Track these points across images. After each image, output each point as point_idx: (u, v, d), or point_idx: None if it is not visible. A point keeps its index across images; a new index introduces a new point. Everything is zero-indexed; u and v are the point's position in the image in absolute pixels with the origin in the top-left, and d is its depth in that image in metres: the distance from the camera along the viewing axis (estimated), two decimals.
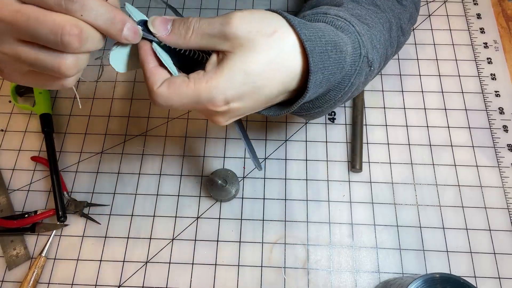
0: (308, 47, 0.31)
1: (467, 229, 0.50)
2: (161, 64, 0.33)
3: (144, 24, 0.32)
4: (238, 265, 0.49)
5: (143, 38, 0.32)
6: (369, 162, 0.54)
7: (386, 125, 0.56)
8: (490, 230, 0.50)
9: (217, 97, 0.31)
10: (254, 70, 0.31)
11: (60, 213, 0.50)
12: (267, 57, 0.31)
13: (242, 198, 0.52)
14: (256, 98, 0.32)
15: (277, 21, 0.32)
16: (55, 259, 0.50)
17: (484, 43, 0.62)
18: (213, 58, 0.32)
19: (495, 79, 0.59)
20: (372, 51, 0.39)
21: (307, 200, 0.52)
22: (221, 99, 0.31)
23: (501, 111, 0.57)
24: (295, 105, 0.34)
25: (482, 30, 0.63)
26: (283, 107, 0.36)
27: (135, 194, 0.53)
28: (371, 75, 0.41)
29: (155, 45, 0.33)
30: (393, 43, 0.45)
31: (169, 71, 0.33)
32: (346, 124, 0.56)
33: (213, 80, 0.30)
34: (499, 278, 0.48)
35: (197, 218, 0.52)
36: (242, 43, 0.31)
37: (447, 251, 0.49)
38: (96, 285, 0.48)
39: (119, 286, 0.48)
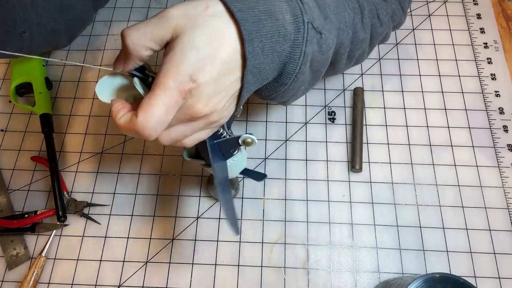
0: (238, 17, 0.33)
1: (467, 229, 0.50)
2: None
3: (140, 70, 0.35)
4: (238, 265, 0.49)
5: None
6: (369, 162, 0.54)
7: (386, 125, 0.56)
8: (490, 230, 0.50)
9: (182, 79, 0.31)
10: (201, 41, 0.32)
11: (60, 213, 0.50)
12: (208, 28, 0.32)
13: (242, 198, 0.52)
14: (215, 65, 0.32)
15: None
16: (55, 259, 0.50)
17: (484, 43, 0.62)
18: (164, 56, 0.33)
19: (495, 79, 0.59)
20: (323, 20, 0.39)
21: (307, 200, 0.52)
22: (186, 77, 0.31)
23: (501, 111, 0.57)
24: (245, 78, 0.35)
25: (482, 30, 0.63)
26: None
27: (135, 194, 0.53)
28: (326, 45, 0.40)
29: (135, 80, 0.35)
30: (366, 28, 0.45)
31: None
32: (346, 124, 0.56)
33: (170, 69, 0.31)
34: (499, 278, 0.48)
35: (197, 218, 0.52)
36: (183, 26, 0.32)
37: (447, 251, 0.49)
38: (96, 285, 0.48)
39: (119, 286, 0.48)
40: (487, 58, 0.61)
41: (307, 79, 0.41)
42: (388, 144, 0.55)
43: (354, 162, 0.53)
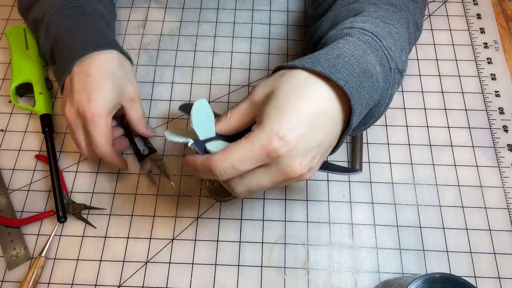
0: (347, 90, 0.33)
1: (467, 229, 0.50)
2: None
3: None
4: (238, 265, 0.49)
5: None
6: (369, 162, 0.54)
7: (386, 125, 0.56)
8: (490, 230, 0.50)
9: (268, 136, 0.32)
10: (281, 100, 0.33)
11: (60, 213, 0.50)
12: (287, 87, 0.33)
13: (242, 198, 0.52)
14: (302, 120, 0.32)
15: (302, 74, 0.34)
16: (55, 259, 0.50)
17: (484, 43, 0.62)
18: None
19: (495, 79, 0.59)
20: (401, 56, 0.40)
21: (307, 200, 0.52)
22: (272, 134, 0.31)
23: (501, 111, 0.57)
24: (342, 141, 0.37)
25: (482, 30, 0.63)
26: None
27: (135, 194, 0.53)
28: (403, 77, 0.42)
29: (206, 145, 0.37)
30: (411, 39, 0.45)
31: None
32: None
33: (258, 127, 0.32)
34: (499, 278, 0.48)
35: (197, 218, 0.52)
36: (267, 96, 0.34)
37: (447, 251, 0.49)
38: (96, 285, 0.48)
39: (119, 286, 0.48)
40: (487, 58, 0.61)
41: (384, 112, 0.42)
42: (388, 144, 0.55)
43: (354, 162, 0.53)
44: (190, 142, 0.36)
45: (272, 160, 0.32)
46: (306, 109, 0.32)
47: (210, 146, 0.36)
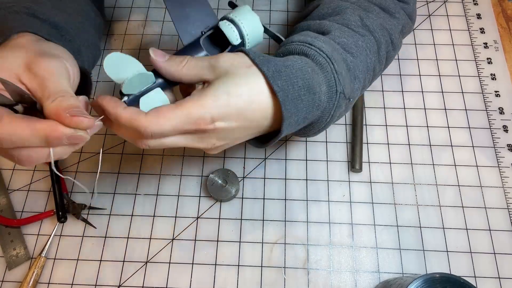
0: (280, 97, 0.35)
1: (467, 229, 0.50)
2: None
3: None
4: (238, 265, 0.49)
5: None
6: (369, 162, 0.54)
7: (386, 125, 0.56)
8: (490, 230, 0.50)
9: (204, 115, 0.33)
10: (236, 92, 0.34)
11: (60, 213, 0.50)
12: (246, 83, 0.34)
13: (242, 198, 0.52)
14: (240, 121, 0.35)
15: (251, 60, 0.36)
16: (55, 259, 0.50)
17: (484, 43, 0.62)
18: (199, 86, 0.36)
19: (495, 79, 0.59)
20: (352, 84, 0.42)
21: (307, 200, 0.52)
22: (208, 116, 0.33)
23: (501, 111, 0.57)
24: (272, 141, 0.38)
25: (482, 30, 0.63)
26: (263, 139, 0.40)
27: (135, 194, 0.53)
28: (351, 104, 0.44)
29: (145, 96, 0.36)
30: (382, 60, 0.47)
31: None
32: (346, 124, 0.56)
33: (199, 100, 0.33)
34: (499, 278, 0.48)
35: (197, 218, 0.52)
36: (225, 71, 0.35)
37: (447, 251, 0.49)
38: (96, 285, 0.48)
39: (119, 286, 0.48)
40: (487, 58, 0.61)
41: (326, 128, 0.44)
42: (388, 144, 0.55)
43: (354, 162, 0.53)
44: (125, 98, 0.35)
45: (194, 132, 0.34)
46: (248, 114, 0.35)
47: (145, 100, 0.35)
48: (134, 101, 0.35)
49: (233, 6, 0.43)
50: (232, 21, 0.40)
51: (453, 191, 0.52)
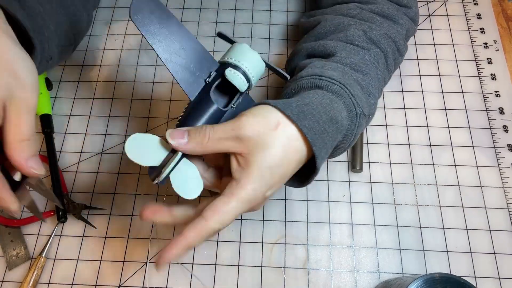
0: (309, 138, 0.35)
1: (467, 229, 0.50)
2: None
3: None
4: (238, 265, 0.49)
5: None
6: (369, 162, 0.54)
7: (386, 125, 0.56)
8: (490, 230, 0.50)
9: (258, 197, 0.35)
10: (275, 163, 0.35)
11: (60, 213, 0.50)
12: (280, 147, 0.35)
13: None
14: (282, 181, 0.36)
15: (277, 114, 0.36)
16: (55, 259, 0.50)
17: (484, 43, 0.62)
18: (234, 163, 0.35)
19: (495, 79, 0.59)
20: (368, 101, 0.43)
21: (307, 200, 0.52)
22: (260, 196, 0.35)
23: (501, 111, 0.57)
24: (311, 180, 0.39)
25: (482, 30, 0.63)
26: (300, 177, 0.40)
27: (135, 194, 0.53)
28: (371, 119, 0.45)
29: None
30: (390, 69, 0.48)
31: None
32: None
33: (248, 184, 0.34)
34: (499, 278, 0.48)
35: None
36: (255, 143, 0.34)
37: (447, 251, 0.49)
38: (96, 285, 0.48)
39: (119, 286, 0.48)
40: (487, 58, 0.61)
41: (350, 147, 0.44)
42: (388, 144, 0.55)
43: (354, 162, 0.53)
44: (161, 179, 0.35)
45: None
46: (290, 172, 0.36)
47: (176, 175, 0.35)
48: (166, 178, 0.35)
49: (225, 38, 0.41)
50: (235, 67, 0.38)
51: (453, 191, 0.52)
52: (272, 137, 0.35)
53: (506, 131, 0.56)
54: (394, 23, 0.48)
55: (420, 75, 0.60)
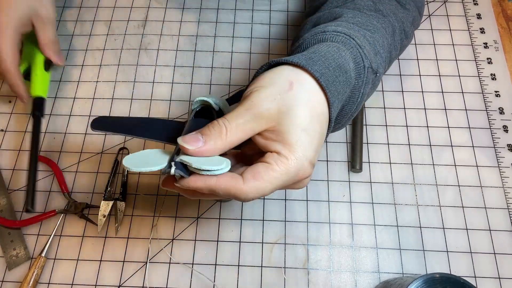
0: (323, 83, 0.33)
1: (467, 229, 0.50)
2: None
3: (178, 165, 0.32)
4: (238, 265, 0.49)
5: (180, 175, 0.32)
6: (369, 162, 0.54)
7: (386, 125, 0.56)
8: (490, 230, 0.50)
9: (304, 165, 0.32)
10: (306, 123, 0.32)
11: (29, 199, 0.49)
12: (304, 105, 0.32)
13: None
14: (322, 142, 0.34)
15: (283, 72, 0.33)
16: (55, 259, 0.50)
17: (484, 43, 0.62)
18: (260, 140, 0.33)
19: (495, 79, 0.59)
20: (376, 58, 0.40)
21: (307, 200, 0.52)
22: (307, 164, 0.32)
23: (501, 111, 0.57)
24: (326, 138, 0.36)
25: (482, 30, 0.63)
26: None
27: (135, 194, 0.53)
28: (378, 80, 0.42)
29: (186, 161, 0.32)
30: (397, 46, 0.46)
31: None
32: None
33: (293, 153, 0.31)
34: (499, 278, 0.48)
35: (197, 218, 0.52)
36: (278, 111, 0.32)
37: (447, 251, 0.49)
38: (96, 285, 0.48)
39: (119, 286, 0.48)
40: (487, 58, 0.61)
41: (356, 112, 0.42)
42: (388, 144, 0.55)
43: (354, 162, 0.53)
44: (173, 169, 0.31)
45: (295, 181, 0.33)
46: (324, 130, 0.34)
47: (193, 162, 0.31)
48: (180, 166, 0.32)
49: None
50: (200, 98, 0.39)
51: (453, 191, 0.52)
52: (292, 98, 0.32)
53: (506, 131, 0.56)
54: (402, 7, 0.47)
55: (420, 75, 0.60)
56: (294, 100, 0.32)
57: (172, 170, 0.31)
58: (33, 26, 0.52)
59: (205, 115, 0.39)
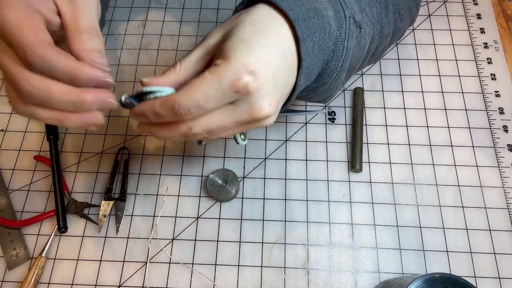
0: (291, 15, 0.32)
1: (467, 229, 0.50)
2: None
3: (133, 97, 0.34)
4: (238, 265, 0.49)
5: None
6: (369, 162, 0.54)
7: (386, 125, 0.56)
8: (490, 230, 0.50)
9: (236, 68, 0.29)
10: (245, 34, 0.31)
11: (61, 223, 0.49)
12: (248, 22, 0.32)
13: (242, 198, 0.52)
14: (268, 54, 0.31)
15: (250, 11, 0.33)
16: (55, 259, 0.50)
17: (484, 43, 0.62)
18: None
19: (495, 79, 0.59)
20: (361, 14, 0.38)
21: (307, 200, 0.52)
22: (240, 68, 0.29)
23: (501, 111, 0.57)
24: (299, 80, 0.34)
25: (482, 30, 0.63)
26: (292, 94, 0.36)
27: (135, 194, 0.53)
28: (364, 38, 0.39)
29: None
30: (390, 23, 0.44)
31: None
32: (346, 124, 0.56)
33: (224, 60, 0.30)
34: (499, 278, 0.48)
35: (197, 218, 0.52)
36: (227, 34, 0.32)
37: (447, 251, 0.49)
38: (96, 285, 0.48)
39: (119, 286, 0.48)
40: (487, 58, 0.61)
41: (344, 77, 0.39)
42: (388, 144, 0.55)
43: (354, 162, 0.53)
44: (123, 97, 0.33)
45: (241, 97, 0.30)
46: (273, 45, 0.31)
47: (149, 93, 0.33)
48: (136, 97, 0.34)
49: None
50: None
51: (453, 191, 0.52)
52: (237, 20, 0.32)
53: (506, 131, 0.56)
54: None
55: (420, 75, 0.60)
56: (238, 22, 0.32)
57: (123, 98, 0.33)
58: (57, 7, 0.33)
59: None
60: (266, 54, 0.31)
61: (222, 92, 0.30)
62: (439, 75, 0.60)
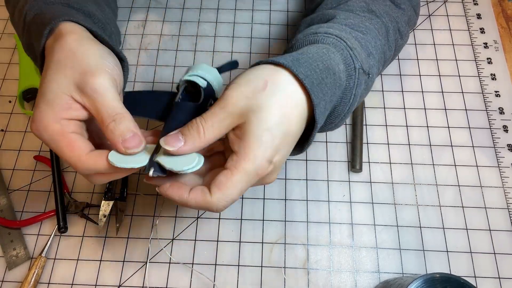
0: (307, 85, 0.34)
1: (467, 229, 0.50)
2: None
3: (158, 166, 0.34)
4: (238, 265, 0.49)
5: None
6: (369, 162, 0.54)
7: (386, 125, 0.56)
8: (490, 230, 0.50)
9: (261, 164, 0.33)
10: (273, 122, 0.33)
11: (61, 223, 0.50)
12: (275, 105, 0.33)
13: (242, 198, 0.52)
14: (288, 142, 0.34)
15: (263, 71, 0.35)
16: (55, 259, 0.50)
17: (484, 43, 0.62)
18: (231, 136, 0.34)
19: (495, 79, 0.59)
20: (368, 59, 0.41)
21: (307, 200, 0.52)
22: (265, 163, 0.33)
23: (501, 111, 0.57)
24: (312, 138, 0.37)
25: (482, 30, 0.63)
26: (302, 141, 0.38)
27: (135, 194, 0.53)
28: (371, 81, 0.43)
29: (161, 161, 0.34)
30: (391, 46, 0.46)
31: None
32: (346, 124, 0.56)
33: (249, 154, 0.32)
34: (499, 278, 0.48)
35: (197, 218, 0.52)
36: (248, 110, 0.33)
37: (447, 251, 0.49)
38: (96, 285, 0.48)
39: (119, 286, 0.48)
40: (487, 58, 0.61)
41: (350, 112, 0.42)
42: (388, 144, 0.55)
43: (354, 162, 0.53)
44: (151, 171, 0.33)
45: (258, 180, 0.34)
46: (293, 130, 0.34)
47: (167, 163, 0.33)
48: (158, 168, 0.34)
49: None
50: (190, 76, 0.39)
51: (453, 191, 0.52)
52: (264, 98, 0.33)
53: (506, 131, 0.56)
54: (396, 7, 0.47)
55: (420, 75, 0.60)
56: (265, 100, 0.33)
57: (151, 172, 0.34)
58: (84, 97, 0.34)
59: (195, 87, 0.39)
60: (286, 143, 0.34)
61: (250, 184, 0.34)
62: (439, 75, 0.60)
